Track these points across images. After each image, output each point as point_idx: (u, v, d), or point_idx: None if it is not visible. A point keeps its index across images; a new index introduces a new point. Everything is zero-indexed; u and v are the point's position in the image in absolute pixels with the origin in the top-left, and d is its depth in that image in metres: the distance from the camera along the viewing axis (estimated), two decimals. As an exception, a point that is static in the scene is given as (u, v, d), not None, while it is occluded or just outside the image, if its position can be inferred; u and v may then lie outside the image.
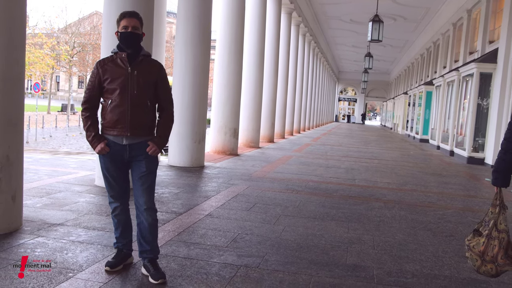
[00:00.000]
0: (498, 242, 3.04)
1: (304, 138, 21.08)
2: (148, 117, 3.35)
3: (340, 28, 26.30)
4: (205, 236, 4.44)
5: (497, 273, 3.11)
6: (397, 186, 8.39)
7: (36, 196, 5.61)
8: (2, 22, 4.03)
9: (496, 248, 3.04)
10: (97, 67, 3.32)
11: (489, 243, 3.08)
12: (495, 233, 3.07)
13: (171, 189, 6.67)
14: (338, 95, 58.39)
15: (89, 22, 50.34)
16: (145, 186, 3.35)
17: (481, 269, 3.13)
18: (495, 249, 3.04)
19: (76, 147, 20.96)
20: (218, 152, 11.43)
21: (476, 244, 3.14)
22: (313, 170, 9.89)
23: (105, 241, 4.07)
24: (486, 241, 3.08)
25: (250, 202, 6.13)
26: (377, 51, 30.51)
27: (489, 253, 3.07)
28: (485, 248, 3.08)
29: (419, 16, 22.04)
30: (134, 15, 3.32)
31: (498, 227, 3.07)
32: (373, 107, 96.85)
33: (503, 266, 3.04)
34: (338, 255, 4.12)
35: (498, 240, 3.04)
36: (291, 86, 21.84)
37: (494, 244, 3.06)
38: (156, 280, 3.24)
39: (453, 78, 16.88)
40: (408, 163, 12.85)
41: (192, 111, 8.81)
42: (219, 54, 11.55)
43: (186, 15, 8.83)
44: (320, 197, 6.82)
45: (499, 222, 3.07)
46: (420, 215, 6.01)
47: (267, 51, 15.71)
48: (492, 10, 14.80)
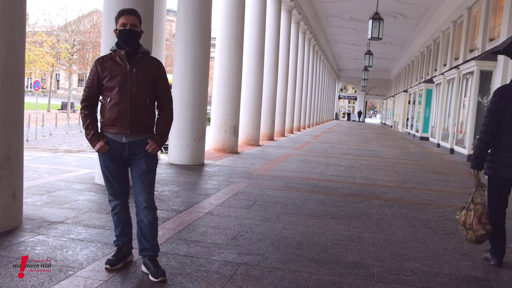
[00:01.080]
0: (473, 212, 3.99)
1: (304, 136, 21.07)
2: (148, 115, 3.35)
3: (340, 26, 26.27)
4: (205, 234, 4.44)
5: (476, 239, 3.96)
6: (397, 184, 8.39)
7: (36, 194, 5.61)
8: (2, 20, 4.03)
9: (472, 217, 3.98)
10: (96, 65, 3.32)
11: (468, 214, 4.03)
12: (472, 206, 4.02)
13: (171, 187, 6.67)
14: (338, 93, 58.37)
15: (89, 20, 50.33)
16: (144, 184, 3.35)
17: (467, 237, 4.04)
18: (471, 218, 3.98)
19: (76, 145, 20.97)
20: (218, 150, 11.43)
21: (460, 217, 4.12)
22: (313, 168, 9.88)
23: (105, 239, 4.07)
24: (466, 213, 4.06)
25: (250, 200, 6.13)
26: (377, 49, 30.49)
27: (468, 222, 4.00)
28: (465, 218, 4.04)
29: (419, 14, 22.02)
30: (133, 13, 3.31)
31: (475, 201, 4.02)
32: (373, 105, 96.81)
33: (477, 231, 3.93)
34: (338, 253, 4.12)
35: (474, 211, 3.99)
36: (291, 84, 21.83)
37: (471, 214, 4.00)
38: (156, 278, 3.24)
39: (453, 76, 16.86)
40: (408, 161, 12.85)
41: (192, 109, 8.80)
42: (219, 52, 11.54)
43: (186, 13, 8.82)
44: (320, 195, 6.82)
45: (475, 197, 4.02)
46: (420, 213, 6.01)
47: (267, 49, 15.69)
48: (493, 7, 14.78)
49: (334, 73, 49.65)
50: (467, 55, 16.98)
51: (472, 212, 3.99)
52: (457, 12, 18.71)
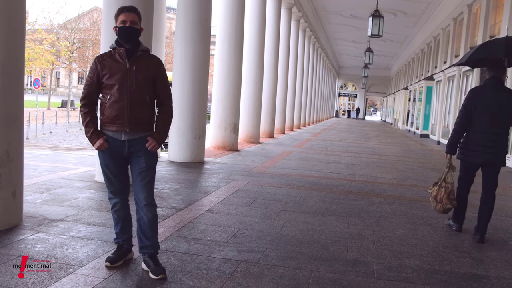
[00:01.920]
0: (444, 189, 4.93)
1: (304, 134, 21.07)
2: (147, 112, 3.34)
3: (340, 23, 26.23)
4: (205, 232, 4.45)
5: (444, 210, 4.98)
6: (397, 181, 8.39)
7: (36, 192, 5.61)
8: (2, 18, 4.02)
9: (443, 193, 4.93)
10: (96, 63, 3.31)
11: (439, 190, 4.97)
12: (444, 184, 4.96)
13: (171, 184, 6.67)
14: (338, 91, 58.32)
15: (89, 17, 50.24)
16: (144, 182, 3.35)
17: (436, 208, 5.03)
18: (442, 194, 4.93)
19: (76, 143, 20.96)
20: (218, 148, 11.43)
21: (433, 191, 5.05)
22: (313, 165, 9.88)
23: (105, 236, 4.07)
24: (438, 189, 4.99)
25: (250, 197, 6.13)
26: (377, 46, 30.46)
27: (439, 196, 4.95)
28: (437, 193, 4.98)
29: (420, 11, 21.98)
30: (132, 10, 3.30)
31: (446, 180, 4.97)
32: (373, 103, 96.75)
33: (445, 205, 4.92)
34: (338, 250, 4.13)
35: (445, 188, 4.93)
36: (291, 82, 21.81)
37: (442, 190, 4.94)
38: (156, 275, 3.24)
39: (454, 73, 16.85)
40: (408, 158, 12.84)
41: (192, 106, 8.80)
42: (219, 50, 11.53)
43: (186, 10, 8.80)
44: (321, 192, 6.82)
45: (447, 177, 4.97)
46: (420, 210, 6.01)
47: (267, 46, 15.68)
48: (493, 4, 14.75)
49: (334, 71, 49.60)
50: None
51: (443, 189, 4.94)
52: (457, 9, 18.68)
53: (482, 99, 4.76)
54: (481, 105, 4.72)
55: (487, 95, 4.76)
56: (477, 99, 4.78)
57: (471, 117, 4.76)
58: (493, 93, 4.75)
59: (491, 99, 4.72)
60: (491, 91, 4.77)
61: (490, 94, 4.75)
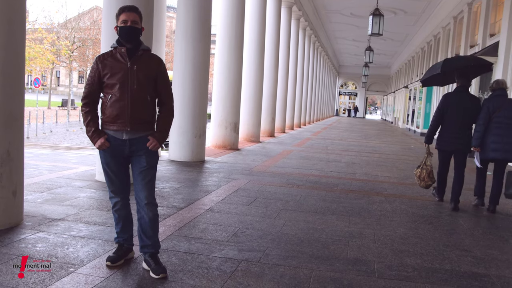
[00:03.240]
0: (425, 171, 6.48)
1: (304, 133, 21.07)
2: (148, 111, 3.34)
3: (341, 22, 26.20)
4: (206, 231, 4.45)
5: (426, 186, 6.57)
6: (398, 180, 8.39)
7: (37, 191, 5.62)
8: (2, 17, 4.02)
9: (424, 173, 6.48)
10: (97, 62, 3.31)
11: (422, 171, 6.51)
12: (424, 166, 6.49)
13: (171, 183, 6.67)
14: (339, 89, 58.27)
15: (89, 17, 50.18)
16: (145, 181, 3.35)
17: (420, 185, 6.59)
18: (424, 174, 6.48)
19: (77, 142, 20.97)
20: (218, 147, 11.43)
21: (417, 172, 6.61)
22: (313, 164, 9.88)
23: (106, 236, 4.07)
24: (420, 170, 6.54)
25: (250, 196, 6.13)
26: (377, 45, 30.41)
27: (421, 176, 6.51)
28: (420, 174, 6.54)
29: (420, 10, 21.95)
30: (133, 9, 3.30)
31: (426, 163, 6.49)
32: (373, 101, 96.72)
33: (427, 182, 6.48)
34: (339, 249, 4.13)
35: (425, 170, 6.48)
36: (291, 80, 21.80)
37: (423, 171, 6.49)
38: (157, 274, 3.24)
39: (454, 72, 16.81)
40: (409, 157, 12.84)
41: (192, 105, 8.79)
42: (219, 49, 11.52)
43: (186, 9, 8.80)
44: (321, 191, 6.82)
45: (427, 161, 6.49)
46: (421, 209, 6.01)
47: (267, 45, 15.66)
48: (493, 3, 14.74)
49: (335, 69, 49.57)
50: (468, 50, 16.94)
51: (424, 170, 6.51)
52: (457, 8, 18.66)
53: (452, 103, 6.16)
54: (451, 108, 6.15)
55: (456, 100, 6.17)
56: (448, 103, 6.19)
57: (443, 116, 6.22)
58: (460, 99, 6.17)
59: (458, 104, 6.12)
60: (459, 97, 6.18)
61: (458, 100, 6.16)
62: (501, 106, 5.83)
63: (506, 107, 5.83)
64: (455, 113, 6.09)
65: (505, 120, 5.79)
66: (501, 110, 5.81)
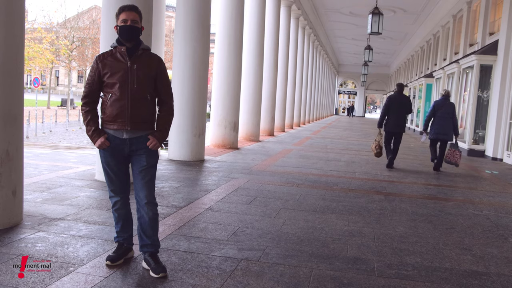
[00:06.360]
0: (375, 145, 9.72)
1: (304, 132, 21.07)
2: (148, 111, 3.34)
3: (340, 21, 26.18)
4: (206, 230, 4.45)
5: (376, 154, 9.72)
6: (397, 179, 8.40)
7: (37, 191, 5.61)
8: (1, 16, 4.01)
9: (374, 146, 9.72)
10: (97, 62, 3.31)
11: (373, 144, 9.78)
12: (375, 142, 9.74)
13: (171, 183, 6.67)
14: (338, 88, 58.24)
15: (88, 16, 50.14)
16: (145, 180, 3.35)
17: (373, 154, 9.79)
18: (374, 146, 9.72)
19: (76, 141, 20.96)
20: (218, 146, 11.43)
21: (371, 146, 10.11)
22: (313, 163, 9.89)
23: (106, 235, 4.07)
24: (372, 144, 9.88)
25: (250, 195, 6.13)
26: (376, 44, 30.41)
27: (372, 147, 9.79)
28: (372, 147, 9.82)
29: (419, 8, 21.94)
30: (133, 9, 3.30)
31: (376, 139, 9.82)
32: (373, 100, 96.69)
33: (376, 150, 9.65)
34: (338, 248, 4.13)
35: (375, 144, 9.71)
36: (291, 80, 21.79)
37: (374, 144, 9.76)
38: (157, 274, 3.24)
39: (453, 70, 16.84)
40: (408, 156, 12.85)
41: (191, 104, 8.79)
42: (219, 48, 11.52)
43: (185, 8, 8.79)
44: (321, 190, 6.82)
45: (377, 138, 9.82)
46: (420, 208, 6.01)
47: (266, 44, 15.66)
48: (492, 1, 14.75)
49: (334, 68, 49.56)
50: (467, 49, 16.96)
51: (373, 145, 9.73)
52: (457, 6, 18.67)
53: (393, 101, 9.64)
54: (392, 104, 9.61)
55: (396, 99, 9.70)
56: (391, 103, 9.63)
57: (388, 109, 9.59)
58: (398, 98, 9.74)
59: (397, 101, 9.65)
60: (397, 97, 9.75)
61: (397, 99, 9.71)
62: (443, 106, 9.39)
63: (447, 107, 9.39)
64: (396, 107, 9.56)
65: (444, 115, 9.34)
66: (442, 108, 9.37)
